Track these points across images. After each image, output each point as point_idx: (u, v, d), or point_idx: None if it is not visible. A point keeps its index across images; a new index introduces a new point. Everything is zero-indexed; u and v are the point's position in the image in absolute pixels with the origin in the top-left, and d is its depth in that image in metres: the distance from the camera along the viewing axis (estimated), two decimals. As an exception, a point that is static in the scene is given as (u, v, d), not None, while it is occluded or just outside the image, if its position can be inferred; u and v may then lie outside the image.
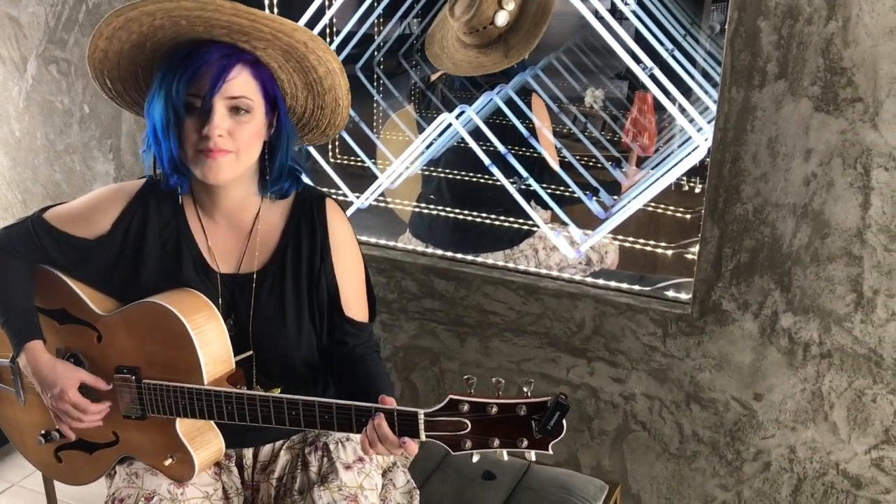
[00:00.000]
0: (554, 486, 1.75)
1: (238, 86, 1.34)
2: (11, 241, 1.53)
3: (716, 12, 2.91)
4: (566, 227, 2.33)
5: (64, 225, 1.51)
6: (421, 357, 2.36)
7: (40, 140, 2.73)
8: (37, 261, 1.53)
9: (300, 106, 1.49)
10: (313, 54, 1.38)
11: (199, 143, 1.35)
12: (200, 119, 1.34)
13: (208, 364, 1.41)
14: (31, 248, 1.52)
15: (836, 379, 1.88)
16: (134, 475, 1.54)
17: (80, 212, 1.51)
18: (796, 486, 2.00)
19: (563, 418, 1.21)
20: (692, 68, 2.41)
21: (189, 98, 1.33)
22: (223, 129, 1.34)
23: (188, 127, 1.35)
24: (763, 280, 1.87)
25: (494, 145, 2.38)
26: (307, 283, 1.50)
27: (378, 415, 1.30)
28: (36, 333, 1.48)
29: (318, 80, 1.43)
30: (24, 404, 1.64)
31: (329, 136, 1.56)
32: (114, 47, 1.37)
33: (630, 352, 2.08)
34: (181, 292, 1.46)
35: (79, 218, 1.50)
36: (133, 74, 1.43)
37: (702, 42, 2.59)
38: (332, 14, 2.48)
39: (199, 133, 1.34)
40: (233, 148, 1.36)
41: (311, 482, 1.51)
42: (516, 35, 2.41)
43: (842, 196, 1.74)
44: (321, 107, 1.49)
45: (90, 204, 1.51)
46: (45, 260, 1.53)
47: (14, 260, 1.52)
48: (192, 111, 1.34)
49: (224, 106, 1.34)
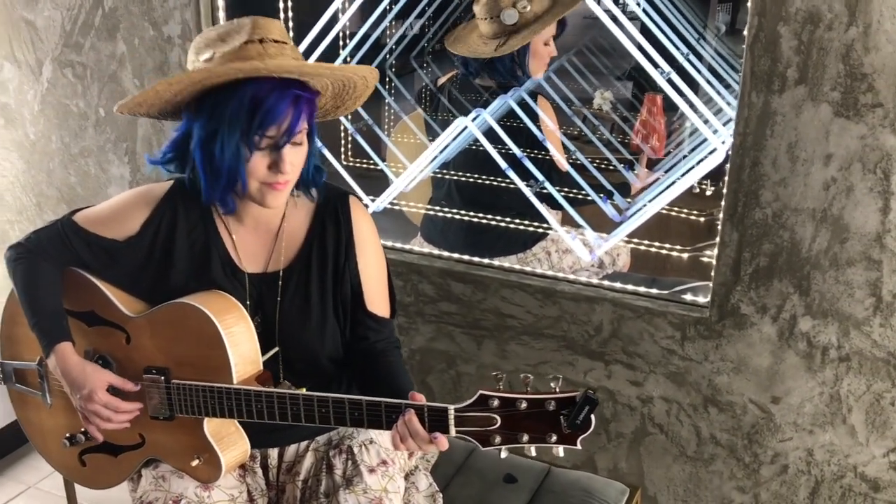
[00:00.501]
0: (575, 490, 1.76)
1: (302, 120, 1.38)
2: (42, 243, 1.54)
3: (721, 13, 2.93)
4: (581, 230, 2.34)
5: (93, 227, 1.52)
6: (437, 360, 2.37)
7: (55, 143, 2.74)
8: (67, 263, 1.55)
9: (322, 106, 1.52)
10: (362, 80, 1.45)
11: (267, 178, 1.38)
12: (269, 155, 1.37)
13: (238, 364, 1.42)
14: (61, 250, 1.53)
15: (855, 382, 1.88)
16: (161, 478, 1.55)
17: (110, 214, 1.53)
18: (814, 489, 2.01)
19: (592, 413, 1.22)
20: (705, 70, 2.42)
21: (265, 140, 1.35)
22: (291, 162, 1.38)
23: (256, 163, 1.37)
24: (782, 284, 1.88)
25: (507, 148, 2.38)
26: (332, 279, 1.52)
27: (408, 410, 1.31)
28: (65, 335, 1.49)
29: (351, 93, 1.49)
30: (50, 407, 1.64)
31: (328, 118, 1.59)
32: (171, 89, 1.36)
33: (648, 355, 2.09)
34: (210, 293, 1.47)
35: (108, 220, 1.52)
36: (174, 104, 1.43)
37: (711, 43, 2.60)
38: (347, 19, 2.49)
39: (268, 169, 1.37)
40: (295, 176, 1.42)
41: (337, 485, 1.52)
42: (516, 38, 2.43)
43: (861, 201, 1.75)
44: (337, 106, 1.54)
45: (119, 206, 1.53)
46: (75, 262, 1.54)
47: (44, 262, 1.53)
48: (261, 149, 1.36)
49: (291, 142, 1.38)
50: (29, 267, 1.53)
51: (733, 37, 2.72)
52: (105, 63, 2.53)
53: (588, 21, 2.93)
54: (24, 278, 1.52)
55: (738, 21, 2.87)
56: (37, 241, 1.55)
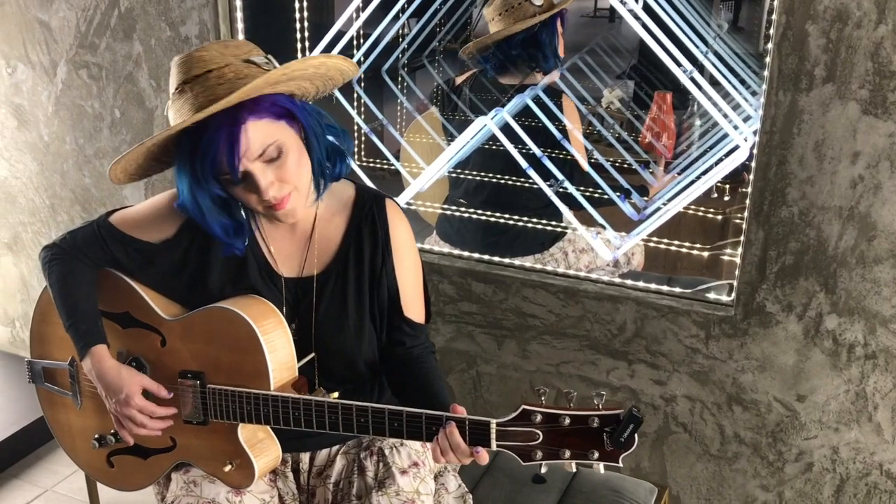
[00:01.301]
0: (605, 490, 1.76)
1: (255, 142, 1.30)
2: (77, 244, 1.53)
3: (724, 10, 2.92)
4: (602, 230, 2.34)
5: (130, 229, 1.52)
6: (457, 360, 2.36)
7: (69, 145, 2.73)
8: (103, 264, 1.54)
9: (310, 91, 1.45)
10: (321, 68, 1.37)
11: (261, 203, 1.36)
12: (246, 185, 1.34)
13: (276, 370, 1.41)
14: (97, 251, 1.53)
15: (881, 380, 1.89)
16: (192, 483, 1.54)
17: (146, 216, 1.52)
18: (839, 487, 2.01)
19: (637, 431, 1.21)
20: (723, 67, 2.42)
21: (223, 178, 1.33)
22: (270, 181, 1.33)
23: (240, 194, 1.36)
24: (808, 282, 1.88)
25: (526, 148, 2.38)
26: (369, 284, 1.50)
27: (450, 423, 1.30)
28: (101, 338, 1.48)
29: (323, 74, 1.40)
30: (80, 408, 1.64)
31: None
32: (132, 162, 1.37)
33: (671, 354, 2.08)
34: (248, 298, 1.46)
35: (144, 222, 1.51)
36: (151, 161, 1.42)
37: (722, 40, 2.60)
38: (362, 22, 2.49)
39: (255, 194, 1.34)
40: (289, 188, 1.36)
41: (369, 487, 1.52)
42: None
43: (889, 199, 1.75)
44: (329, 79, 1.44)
45: (155, 208, 1.52)
46: (111, 263, 1.54)
47: (80, 263, 1.53)
48: (230, 184, 1.34)
49: (258, 164, 1.32)
50: (64, 268, 1.52)
51: (737, 34, 2.72)
52: (121, 64, 2.52)
53: (585, 20, 2.93)
54: (60, 279, 1.51)
55: (740, 18, 2.88)
56: (72, 242, 1.54)
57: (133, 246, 1.51)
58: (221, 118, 1.28)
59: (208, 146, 1.28)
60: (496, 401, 2.35)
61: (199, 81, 1.31)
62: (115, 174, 1.39)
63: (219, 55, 1.32)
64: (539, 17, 2.41)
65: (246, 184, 1.34)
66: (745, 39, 2.71)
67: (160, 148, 1.36)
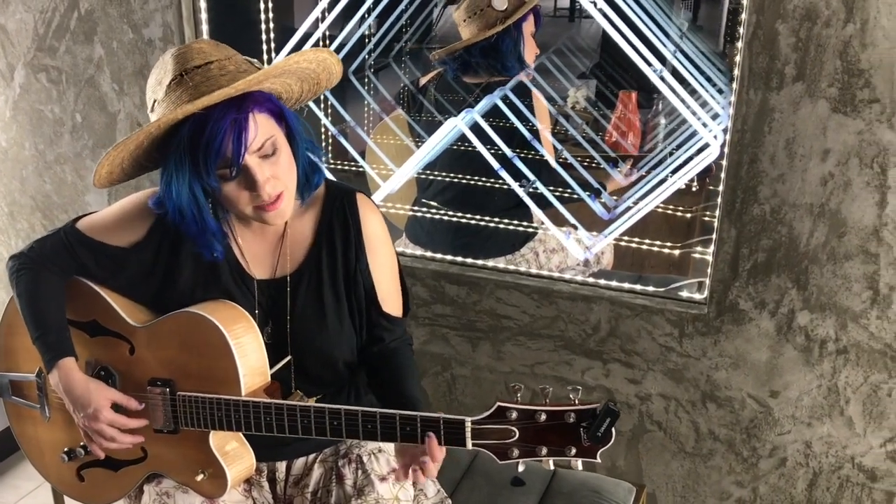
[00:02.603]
0: (585, 490, 1.75)
1: (257, 136, 1.29)
2: (45, 253, 1.49)
3: (683, 10, 2.95)
4: (574, 230, 2.34)
5: (98, 234, 1.47)
6: (432, 363, 2.35)
7: (29, 150, 2.66)
8: (71, 272, 1.50)
9: (295, 93, 1.45)
10: (306, 60, 1.36)
11: (253, 201, 1.33)
12: (241, 181, 1.31)
13: (247, 376, 1.38)
14: (65, 259, 1.48)
15: (852, 374, 1.91)
16: (165, 494, 1.51)
17: (114, 220, 1.48)
18: (812, 481, 2.04)
19: (613, 425, 1.20)
20: (689, 66, 2.44)
21: (220, 172, 1.30)
22: (267, 177, 1.31)
23: (231, 192, 1.32)
24: (780, 279, 1.89)
25: (496, 148, 2.37)
26: (344, 281, 1.48)
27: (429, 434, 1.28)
28: (69, 350, 1.44)
29: (314, 72, 1.40)
30: (49, 421, 1.59)
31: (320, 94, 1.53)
32: (116, 160, 1.33)
33: (646, 353, 2.09)
34: (217, 303, 1.43)
35: (113, 226, 1.47)
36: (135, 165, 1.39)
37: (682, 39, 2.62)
38: (328, 24, 2.46)
39: (249, 192, 1.32)
40: (282, 188, 1.34)
41: (348, 496, 1.50)
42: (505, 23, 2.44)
43: (858, 195, 1.77)
44: (317, 83, 1.45)
45: (124, 212, 1.48)
46: (80, 271, 1.49)
47: (48, 273, 1.48)
48: (226, 180, 1.31)
49: (255, 158, 1.31)
50: (32, 278, 1.47)
51: (696, 33, 2.75)
52: (82, 67, 2.46)
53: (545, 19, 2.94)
54: (27, 290, 1.47)
55: (699, 17, 2.91)
56: (39, 251, 1.49)
57: (102, 252, 1.47)
58: (227, 107, 1.26)
59: (214, 134, 1.25)
60: (471, 403, 2.34)
61: (200, 72, 1.29)
62: (100, 177, 1.35)
63: (216, 50, 1.32)
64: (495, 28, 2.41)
65: (241, 179, 1.31)
66: (705, 38, 2.74)
67: (152, 143, 1.32)
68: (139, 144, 1.31)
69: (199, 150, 1.26)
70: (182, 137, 1.27)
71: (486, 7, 2.40)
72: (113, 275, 1.48)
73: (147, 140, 1.31)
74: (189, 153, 1.27)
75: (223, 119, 1.26)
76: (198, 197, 1.31)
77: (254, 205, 1.34)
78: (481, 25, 2.43)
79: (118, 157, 1.32)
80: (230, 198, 1.33)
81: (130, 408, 1.44)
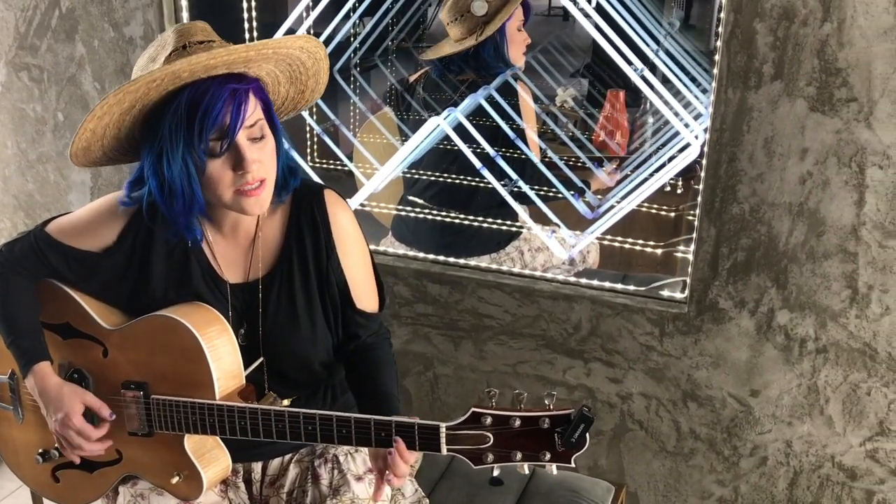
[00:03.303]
0: (562, 490, 1.75)
1: (251, 110, 1.31)
2: (15, 257, 1.48)
3: (675, 8, 2.95)
4: (557, 228, 2.34)
5: (68, 238, 1.46)
6: (414, 362, 2.34)
7: (11, 149, 2.65)
8: (42, 276, 1.49)
9: (280, 97, 1.46)
10: (305, 53, 1.37)
11: (236, 183, 1.31)
12: (229, 159, 1.30)
13: (221, 379, 1.38)
14: (35, 263, 1.47)
15: (832, 373, 1.91)
16: (140, 496, 1.51)
17: (85, 224, 1.46)
18: (792, 480, 2.04)
19: (588, 431, 1.21)
20: (673, 65, 2.44)
21: (211, 144, 1.29)
22: (254, 158, 1.31)
23: (216, 170, 1.31)
24: (759, 278, 1.89)
25: (480, 147, 2.37)
26: (317, 281, 1.47)
27: (396, 440, 1.28)
28: (44, 354, 1.43)
29: (302, 72, 1.42)
30: (22, 422, 1.58)
31: (300, 110, 1.54)
32: (104, 122, 1.30)
33: (627, 352, 2.09)
34: (191, 305, 1.42)
35: (83, 230, 1.46)
36: (115, 141, 1.36)
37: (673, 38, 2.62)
38: (313, 20, 2.45)
39: (233, 172, 1.31)
40: (266, 173, 1.33)
41: (324, 495, 1.49)
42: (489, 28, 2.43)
43: (837, 194, 1.77)
44: (301, 91, 1.47)
45: (94, 215, 1.47)
46: (51, 274, 1.48)
47: (19, 277, 1.47)
48: (214, 156, 1.30)
49: (245, 137, 1.31)
50: (3, 282, 1.46)
51: (688, 32, 2.75)
52: (63, 66, 2.45)
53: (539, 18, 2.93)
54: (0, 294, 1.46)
55: (691, 16, 2.90)
56: (9, 255, 1.48)
57: (73, 256, 1.46)
58: (227, 79, 1.28)
59: (214, 101, 1.26)
60: (454, 402, 2.34)
61: (203, 47, 1.30)
62: (77, 149, 1.33)
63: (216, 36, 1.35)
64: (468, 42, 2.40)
65: (228, 157, 1.30)
66: (697, 37, 2.74)
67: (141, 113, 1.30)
68: (131, 105, 1.28)
69: (197, 116, 1.26)
70: (180, 103, 1.27)
71: (466, 12, 2.39)
72: (84, 279, 1.47)
73: (139, 104, 1.28)
74: (186, 119, 1.26)
75: (223, 88, 1.27)
76: (189, 167, 1.29)
77: (236, 188, 1.32)
78: (464, 30, 2.43)
79: (102, 121, 1.29)
80: (213, 177, 1.31)
81: (102, 415, 1.43)
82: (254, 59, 1.31)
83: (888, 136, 1.69)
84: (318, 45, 1.38)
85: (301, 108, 1.53)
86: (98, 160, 1.41)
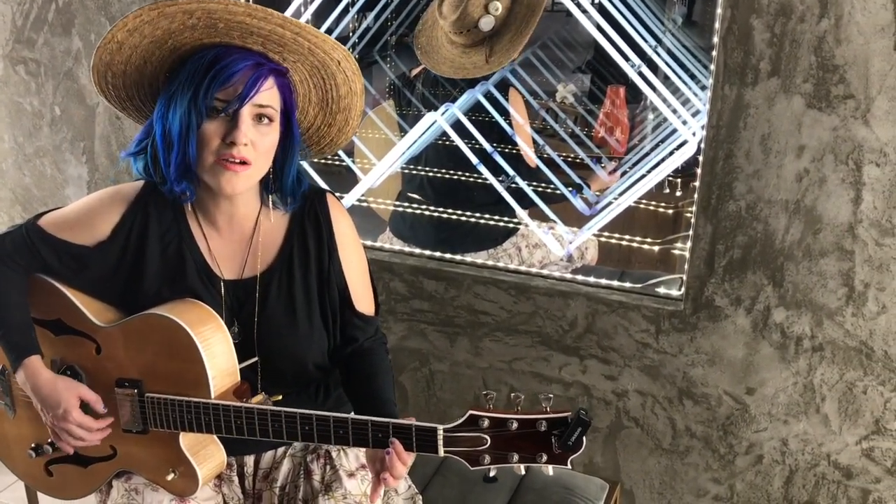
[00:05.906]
0: (556, 487, 1.75)
1: (265, 96, 1.32)
2: (6, 250, 1.46)
3: (678, 4, 2.93)
4: (554, 225, 2.33)
5: (61, 232, 1.45)
6: (410, 359, 2.34)
7: (8, 143, 2.64)
8: (34, 270, 1.47)
9: (307, 121, 1.47)
10: (342, 74, 1.38)
11: (220, 150, 1.31)
12: (225, 125, 1.31)
13: (216, 377, 1.37)
14: (27, 257, 1.46)
15: (828, 372, 1.90)
16: (133, 491, 1.50)
17: (78, 218, 1.45)
18: (788, 478, 2.03)
19: (585, 434, 1.21)
20: (672, 62, 2.43)
21: (216, 102, 1.29)
22: (248, 137, 1.31)
23: (209, 131, 1.30)
24: (756, 276, 1.88)
25: (477, 143, 2.36)
26: (317, 281, 1.47)
27: (393, 441, 1.28)
28: (35, 349, 1.42)
29: (335, 99, 1.42)
30: (14, 417, 1.58)
31: (326, 153, 1.54)
32: (132, 41, 1.30)
33: (622, 349, 2.08)
34: (185, 303, 1.42)
35: (76, 224, 1.44)
36: (138, 75, 1.37)
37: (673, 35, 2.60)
38: (311, 13, 2.44)
39: (223, 139, 1.30)
40: (252, 158, 1.33)
41: (316, 491, 1.49)
42: (500, 41, 2.40)
43: (834, 192, 1.76)
44: (329, 124, 1.47)
45: (87, 209, 1.45)
46: (42, 269, 1.47)
47: (9, 271, 1.45)
48: (214, 116, 1.30)
49: (250, 114, 1.31)
50: None
51: (690, 28, 2.74)
52: (60, 60, 2.45)
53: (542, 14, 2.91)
54: None
55: (694, 13, 2.89)
56: (1, 249, 1.47)
57: (65, 250, 1.44)
58: (254, 54, 1.31)
59: (234, 63, 1.28)
60: (449, 399, 2.33)
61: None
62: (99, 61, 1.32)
63: None
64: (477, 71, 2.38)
65: (224, 122, 1.30)
66: (699, 34, 2.72)
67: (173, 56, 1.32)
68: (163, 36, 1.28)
69: (213, 70, 1.28)
70: (205, 55, 1.29)
71: (473, 28, 2.35)
72: (76, 274, 1.46)
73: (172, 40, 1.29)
74: (203, 71, 1.28)
75: (248, 59, 1.29)
76: (191, 118, 1.29)
77: (219, 155, 1.31)
78: (468, 42, 2.39)
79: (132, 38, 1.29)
80: (204, 137, 1.31)
81: (97, 410, 1.42)
82: (289, 44, 1.31)
83: (885, 133, 1.68)
84: (356, 73, 1.38)
85: (325, 149, 1.52)
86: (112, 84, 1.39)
